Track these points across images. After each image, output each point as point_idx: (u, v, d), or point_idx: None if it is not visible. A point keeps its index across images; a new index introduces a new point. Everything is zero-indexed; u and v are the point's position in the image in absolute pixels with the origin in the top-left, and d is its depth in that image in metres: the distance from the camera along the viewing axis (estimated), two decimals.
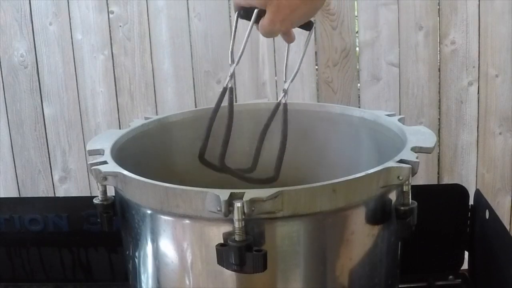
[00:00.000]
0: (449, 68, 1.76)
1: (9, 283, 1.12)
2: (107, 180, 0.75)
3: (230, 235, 0.65)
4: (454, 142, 1.81)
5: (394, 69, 1.76)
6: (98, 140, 0.85)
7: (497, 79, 1.76)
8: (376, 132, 0.92)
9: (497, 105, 1.78)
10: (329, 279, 0.73)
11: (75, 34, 1.81)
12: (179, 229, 0.72)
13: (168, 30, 1.79)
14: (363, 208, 0.72)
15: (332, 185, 0.68)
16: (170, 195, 0.69)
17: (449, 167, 1.83)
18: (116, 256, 1.09)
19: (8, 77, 1.85)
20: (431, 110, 1.80)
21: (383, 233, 0.75)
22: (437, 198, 1.05)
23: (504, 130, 1.79)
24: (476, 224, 1.04)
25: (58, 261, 1.11)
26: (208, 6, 1.78)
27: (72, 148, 1.90)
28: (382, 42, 1.73)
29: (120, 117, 1.86)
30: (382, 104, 1.78)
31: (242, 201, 0.64)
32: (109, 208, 0.79)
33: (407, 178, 0.71)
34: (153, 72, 1.83)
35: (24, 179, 1.93)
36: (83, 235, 1.08)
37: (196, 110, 1.01)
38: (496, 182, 1.83)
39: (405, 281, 1.00)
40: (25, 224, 1.09)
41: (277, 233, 0.69)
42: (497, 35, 1.73)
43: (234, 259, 0.65)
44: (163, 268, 0.75)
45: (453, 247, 1.07)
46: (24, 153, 1.91)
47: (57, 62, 1.84)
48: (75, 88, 1.85)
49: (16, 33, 1.82)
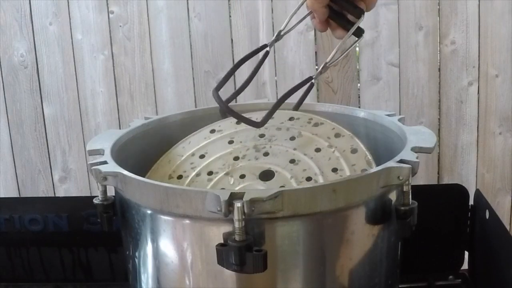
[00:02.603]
0: (449, 68, 1.76)
1: (9, 283, 1.12)
2: (107, 180, 0.75)
3: (230, 235, 0.65)
4: (454, 142, 1.81)
5: (394, 69, 1.77)
6: (98, 140, 0.85)
7: (497, 79, 1.76)
8: (376, 132, 0.92)
9: (497, 105, 1.78)
10: (329, 279, 0.73)
11: (75, 34, 1.82)
12: (179, 229, 0.72)
13: (168, 30, 1.80)
14: (363, 208, 0.72)
15: (332, 185, 0.68)
16: (170, 195, 0.69)
17: (449, 167, 1.83)
18: (116, 256, 1.09)
19: (8, 77, 1.86)
20: (431, 110, 1.80)
21: (383, 233, 0.75)
22: (437, 198, 1.05)
23: (504, 130, 1.79)
24: (476, 224, 1.04)
25: (58, 261, 1.11)
26: (208, 6, 1.78)
27: (72, 148, 1.90)
28: (382, 42, 1.73)
29: (120, 117, 1.86)
30: (382, 104, 1.79)
31: (242, 201, 0.64)
32: (109, 208, 0.79)
33: (407, 178, 0.71)
34: (153, 72, 1.83)
35: (24, 179, 1.93)
36: (83, 235, 1.08)
37: (196, 110, 1.01)
38: (496, 182, 1.83)
39: (405, 281, 1.00)
40: (25, 224, 1.09)
41: (277, 233, 0.69)
42: (497, 35, 1.73)
43: (234, 259, 0.65)
44: (163, 268, 0.75)
45: (453, 247, 1.07)
46: (24, 153, 1.91)
47: (57, 62, 1.84)
48: (75, 88, 1.85)
49: (16, 33, 1.82)
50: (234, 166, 0.81)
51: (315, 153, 0.79)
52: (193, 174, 0.83)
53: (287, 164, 0.79)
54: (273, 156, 0.81)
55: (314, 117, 0.85)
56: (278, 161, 0.80)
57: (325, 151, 0.79)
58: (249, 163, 0.81)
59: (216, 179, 0.81)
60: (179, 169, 0.84)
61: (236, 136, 0.86)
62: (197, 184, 0.81)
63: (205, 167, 0.83)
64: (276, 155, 0.81)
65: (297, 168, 0.78)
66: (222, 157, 0.84)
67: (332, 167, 0.77)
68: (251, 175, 0.80)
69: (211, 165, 0.83)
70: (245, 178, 0.80)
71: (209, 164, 0.83)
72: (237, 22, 1.78)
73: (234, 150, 0.84)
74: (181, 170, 0.84)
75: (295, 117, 0.86)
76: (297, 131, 0.83)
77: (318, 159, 0.78)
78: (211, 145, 0.86)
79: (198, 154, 0.86)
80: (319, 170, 0.77)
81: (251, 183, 0.79)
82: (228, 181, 0.79)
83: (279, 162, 0.80)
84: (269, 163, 0.80)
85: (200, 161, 0.84)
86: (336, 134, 0.82)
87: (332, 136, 0.80)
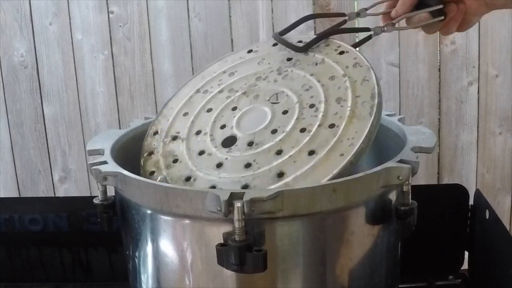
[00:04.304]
0: (449, 68, 1.76)
1: (9, 283, 1.12)
2: (107, 180, 0.75)
3: (230, 235, 0.65)
4: (454, 142, 1.81)
5: (394, 69, 1.77)
6: (98, 140, 0.85)
7: (497, 79, 1.76)
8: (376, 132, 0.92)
9: (497, 105, 1.78)
10: (329, 279, 0.73)
11: (75, 34, 1.82)
12: (179, 229, 0.72)
13: (168, 30, 1.80)
14: (363, 208, 0.72)
15: (332, 185, 0.68)
16: (170, 195, 0.69)
17: (449, 167, 1.83)
18: (116, 256, 1.09)
19: (8, 77, 1.86)
20: (431, 110, 1.80)
21: (383, 233, 0.75)
22: (437, 198, 1.05)
23: (504, 130, 1.79)
24: (476, 224, 1.04)
25: (58, 261, 1.11)
26: (208, 6, 1.78)
27: (72, 148, 1.90)
28: (382, 42, 1.73)
29: (120, 117, 1.86)
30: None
31: (242, 201, 0.64)
32: (109, 208, 0.79)
33: (407, 178, 0.71)
34: (153, 72, 1.83)
35: (24, 179, 1.93)
36: (83, 235, 1.08)
37: None
38: (496, 182, 1.83)
39: (405, 281, 1.00)
40: (25, 224, 1.09)
41: (277, 233, 0.69)
42: (497, 35, 1.73)
43: (234, 259, 0.65)
44: (163, 268, 0.75)
45: (453, 247, 1.07)
46: (24, 153, 1.91)
47: (57, 62, 1.84)
48: (75, 88, 1.85)
49: (16, 33, 1.82)
50: (253, 87, 0.83)
51: (328, 81, 0.79)
52: (216, 91, 0.85)
53: (299, 89, 0.79)
54: (290, 80, 0.82)
55: (343, 45, 0.85)
56: (292, 85, 0.81)
57: (338, 80, 0.79)
58: (267, 85, 0.82)
59: (234, 97, 0.83)
60: (208, 85, 0.87)
61: (267, 58, 0.87)
62: (216, 100, 0.84)
63: (229, 85, 0.85)
64: (293, 80, 0.82)
65: (306, 94, 0.79)
66: (247, 77, 0.85)
67: (337, 97, 0.77)
68: (263, 97, 0.81)
69: (235, 84, 0.85)
70: (258, 99, 0.81)
71: (233, 82, 0.85)
72: (237, 22, 1.78)
73: (259, 71, 0.85)
74: (209, 86, 0.87)
75: (326, 44, 0.86)
76: (321, 58, 0.83)
77: (328, 87, 0.78)
78: (243, 64, 0.88)
79: (228, 72, 0.88)
80: (324, 98, 0.77)
81: (258, 105, 0.80)
82: (245, 101, 0.82)
83: (292, 86, 0.80)
84: (283, 86, 0.81)
85: (228, 79, 0.87)
86: (355, 64, 0.81)
87: (351, 65, 0.80)
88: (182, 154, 0.79)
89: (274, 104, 0.80)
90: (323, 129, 0.74)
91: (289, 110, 0.78)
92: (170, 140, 0.82)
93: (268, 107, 0.79)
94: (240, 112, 0.81)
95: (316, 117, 0.76)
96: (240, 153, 0.76)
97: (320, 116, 0.75)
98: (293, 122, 0.76)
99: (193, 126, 0.83)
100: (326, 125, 0.74)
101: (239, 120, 0.80)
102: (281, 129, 0.76)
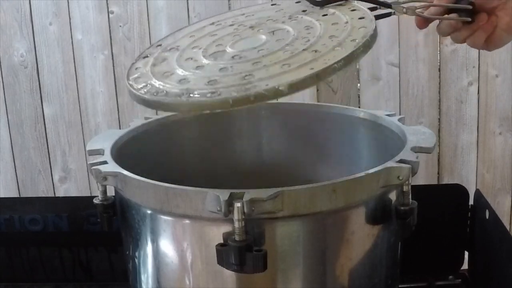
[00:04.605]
0: (449, 68, 1.76)
1: (9, 283, 1.12)
2: (107, 180, 0.75)
3: (230, 235, 0.65)
4: (454, 142, 1.81)
5: (394, 69, 1.77)
6: (98, 140, 0.85)
7: (497, 79, 1.76)
8: (376, 132, 0.92)
9: (497, 105, 1.78)
10: (329, 279, 0.73)
11: (75, 34, 1.82)
12: (179, 229, 0.72)
13: (168, 30, 1.79)
14: (363, 208, 0.72)
15: (332, 185, 0.68)
16: (170, 195, 0.69)
17: (449, 167, 1.83)
18: (116, 256, 1.09)
19: (8, 77, 1.86)
20: (431, 110, 1.80)
21: (383, 233, 0.75)
22: (437, 198, 1.05)
23: (504, 130, 1.79)
24: (476, 224, 1.04)
25: (58, 261, 1.11)
26: (208, 6, 1.78)
27: (72, 148, 1.90)
28: (382, 42, 1.73)
29: (120, 117, 1.86)
30: (382, 104, 1.79)
31: (242, 201, 0.64)
32: (109, 208, 0.79)
33: (407, 178, 0.71)
34: None
35: (24, 179, 1.93)
36: (83, 235, 1.08)
37: None
38: (496, 182, 1.83)
39: (405, 281, 1.00)
40: (25, 224, 1.09)
41: (277, 233, 0.69)
42: None
43: (234, 259, 0.65)
44: (163, 268, 0.75)
45: (453, 247, 1.07)
46: (24, 153, 1.91)
47: (57, 62, 1.84)
48: (75, 88, 1.85)
49: (16, 33, 1.82)
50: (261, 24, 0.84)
51: (330, 26, 0.79)
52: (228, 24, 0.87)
53: (301, 30, 0.80)
54: (297, 23, 0.82)
55: (358, 6, 0.86)
56: (295, 25, 0.81)
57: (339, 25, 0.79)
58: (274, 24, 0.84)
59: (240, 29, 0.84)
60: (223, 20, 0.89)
61: (285, 8, 0.88)
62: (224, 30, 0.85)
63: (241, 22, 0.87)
64: (299, 23, 0.82)
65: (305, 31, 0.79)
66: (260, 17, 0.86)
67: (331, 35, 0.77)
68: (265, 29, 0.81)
69: (247, 21, 0.86)
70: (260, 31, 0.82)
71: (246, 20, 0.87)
72: None
73: (272, 15, 0.86)
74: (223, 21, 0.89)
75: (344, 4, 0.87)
76: (333, 11, 0.84)
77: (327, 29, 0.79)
78: (260, 12, 0.88)
79: (246, 14, 0.88)
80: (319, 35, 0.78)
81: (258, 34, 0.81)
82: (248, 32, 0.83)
83: (295, 26, 0.81)
84: (288, 25, 0.82)
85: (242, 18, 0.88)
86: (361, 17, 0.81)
87: (356, 18, 0.81)
88: (171, 58, 0.80)
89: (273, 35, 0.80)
90: (306, 52, 0.73)
91: (283, 39, 0.78)
92: (168, 50, 0.83)
93: (265, 36, 0.80)
94: (239, 38, 0.81)
95: (303, 44, 0.75)
96: (221, 61, 0.75)
97: (308, 44, 0.75)
98: (282, 46, 0.76)
99: (193, 43, 0.83)
100: (310, 50, 0.74)
101: (235, 42, 0.80)
102: (268, 50, 0.76)
